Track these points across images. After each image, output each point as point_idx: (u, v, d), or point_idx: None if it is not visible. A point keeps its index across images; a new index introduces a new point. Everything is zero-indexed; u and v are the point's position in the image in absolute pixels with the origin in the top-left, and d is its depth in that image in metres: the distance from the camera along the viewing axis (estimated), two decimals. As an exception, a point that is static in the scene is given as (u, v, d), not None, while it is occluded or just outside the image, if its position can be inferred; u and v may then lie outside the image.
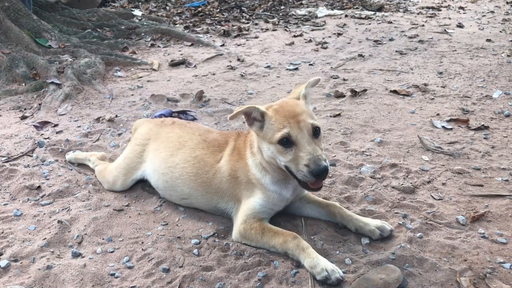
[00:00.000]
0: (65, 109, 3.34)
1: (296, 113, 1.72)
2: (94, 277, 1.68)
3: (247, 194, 1.90)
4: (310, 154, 1.66)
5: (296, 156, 1.68)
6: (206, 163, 2.01)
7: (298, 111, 1.74)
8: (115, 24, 5.71)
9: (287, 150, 1.70)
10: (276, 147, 1.73)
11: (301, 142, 1.68)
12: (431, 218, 1.98)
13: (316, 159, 1.64)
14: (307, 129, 1.70)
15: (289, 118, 1.71)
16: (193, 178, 2.02)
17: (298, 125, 1.70)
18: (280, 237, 1.76)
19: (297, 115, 1.72)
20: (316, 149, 1.68)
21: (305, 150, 1.67)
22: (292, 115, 1.72)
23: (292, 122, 1.70)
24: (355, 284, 1.61)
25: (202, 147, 2.06)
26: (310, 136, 1.70)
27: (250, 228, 1.82)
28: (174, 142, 2.12)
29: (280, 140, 1.70)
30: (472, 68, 4.12)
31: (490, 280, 1.62)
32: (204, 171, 2.00)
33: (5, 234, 1.94)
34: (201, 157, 2.03)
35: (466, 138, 2.74)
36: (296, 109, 1.75)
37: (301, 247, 1.70)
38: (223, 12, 7.13)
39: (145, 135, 2.23)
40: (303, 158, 1.66)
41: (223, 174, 1.96)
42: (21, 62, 3.99)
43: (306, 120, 1.71)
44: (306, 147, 1.67)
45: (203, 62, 4.56)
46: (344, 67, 4.32)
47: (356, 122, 3.01)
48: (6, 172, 2.43)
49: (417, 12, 7.10)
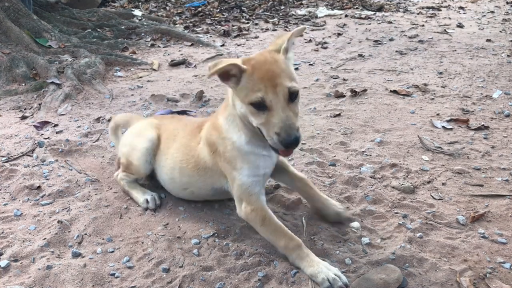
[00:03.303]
0: (65, 109, 3.34)
1: (274, 74, 1.59)
2: (94, 277, 1.68)
3: (229, 167, 1.85)
4: (282, 122, 1.56)
5: (267, 121, 1.60)
6: (191, 147, 2.02)
7: (276, 72, 1.60)
8: (115, 24, 5.71)
9: (259, 112, 1.61)
10: (248, 108, 1.63)
11: (275, 107, 1.58)
12: (431, 218, 1.98)
13: (287, 128, 1.56)
14: (283, 93, 1.58)
15: (265, 80, 1.59)
16: (184, 165, 2.03)
17: (274, 89, 1.58)
18: (282, 240, 1.74)
19: (274, 77, 1.59)
20: (290, 116, 1.58)
21: (277, 117, 1.57)
22: (269, 77, 1.59)
23: (268, 85, 1.58)
24: (355, 284, 1.61)
25: (187, 134, 2.09)
26: (285, 101, 1.59)
27: (250, 210, 1.80)
28: (173, 133, 2.17)
29: (253, 102, 1.61)
30: (472, 68, 4.12)
31: (490, 280, 1.62)
32: (190, 156, 2.01)
33: (5, 234, 1.94)
34: (187, 143, 2.05)
35: (466, 138, 2.74)
36: (275, 68, 1.61)
37: (301, 256, 1.68)
38: (223, 12, 7.13)
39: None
40: (275, 125, 1.58)
41: (205, 153, 1.95)
42: (21, 62, 3.99)
43: (284, 83, 1.59)
44: (279, 113, 1.57)
45: (203, 62, 4.56)
46: (344, 67, 4.32)
47: (356, 122, 3.01)
48: (6, 172, 2.43)
49: (417, 12, 7.10)
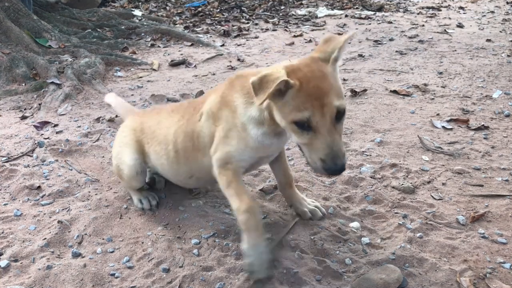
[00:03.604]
0: (65, 109, 3.34)
1: (323, 92, 1.41)
2: (94, 277, 1.68)
3: (225, 139, 1.71)
4: (328, 148, 1.41)
5: (311, 143, 1.44)
6: (188, 131, 1.86)
7: (325, 89, 1.41)
8: (115, 24, 5.71)
9: (303, 132, 1.45)
10: (290, 126, 1.47)
11: (321, 130, 1.41)
12: (431, 218, 1.98)
13: (334, 155, 1.41)
14: (330, 113, 1.41)
15: (313, 99, 1.40)
16: (183, 153, 1.90)
17: (321, 110, 1.40)
18: (236, 201, 1.64)
19: (323, 96, 1.40)
20: (336, 140, 1.43)
21: (324, 141, 1.41)
22: (318, 95, 1.40)
23: (316, 104, 1.40)
24: (355, 284, 1.61)
25: (183, 116, 1.91)
26: (332, 122, 1.42)
27: (221, 174, 1.72)
28: (156, 128, 2.04)
29: (297, 122, 1.44)
30: (472, 68, 4.11)
31: (490, 280, 1.62)
32: (189, 138, 1.86)
33: (5, 234, 1.94)
34: (182, 129, 1.89)
35: (466, 138, 2.74)
36: (324, 85, 1.42)
37: (247, 226, 1.61)
38: (223, 12, 7.13)
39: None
40: (320, 150, 1.42)
41: (208, 128, 1.78)
42: (21, 62, 3.99)
43: (332, 103, 1.41)
44: (326, 137, 1.41)
45: (203, 62, 4.56)
46: (344, 67, 4.32)
47: (356, 122, 3.01)
48: (6, 172, 2.43)
49: (417, 12, 7.09)
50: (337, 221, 1.98)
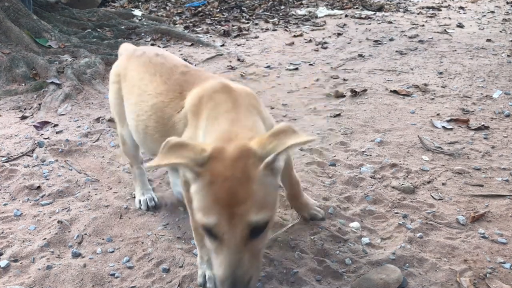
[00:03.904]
0: (65, 109, 3.34)
1: (235, 200, 1.12)
2: (94, 277, 1.68)
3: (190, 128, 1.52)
4: (228, 270, 1.15)
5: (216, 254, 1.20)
6: (165, 113, 1.62)
7: (241, 197, 1.13)
8: (115, 24, 5.71)
9: (210, 237, 1.20)
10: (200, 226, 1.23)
11: (227, 244, 1.15)
12: (431, 218, 1.98)
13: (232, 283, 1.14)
14: (241, 229, 1.14)
15: (222, 205, 1.13)
16: (153, 132, 1.68)
17: (230, 221, 1.13)
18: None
19: (234, 204, 1.12)
20: (242, 263, 1.15)
21: (225, 260, 1.15)
22: (228, 202, 1.13)
23: (224, 213, 1.13)
24: (355, 284, 1.61)
25: (167, 92, 1.64)
26: (242, 239, 1.15)
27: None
28: (136, 85, 1.78)
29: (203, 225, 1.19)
30: (472, 68, 4.11)
31: (490, 280, 1.62)
32: (164, 123, 1.63)
33: (5, 234, 1.94)
34: (159, 106, 1.63)
35: (466, 138, 2.74)
36: (240, 191, 1.13)
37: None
38: (223, 12, 7.13)
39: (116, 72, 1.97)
40: (219, 270, 1.17)
41: (179, 129, 1.57)
42: (21, 62, 3.99)
43: (245, 217, 1.13)
44: (229, 256, 1.15)
45: (203, 62, 4.56)
46: (344, 67, 4.31)
47: (356, 122, 3.01)
48: (6, 172, 2.43)
49: (417, 12, 7.09)
50: (337, 221, 1.98)
